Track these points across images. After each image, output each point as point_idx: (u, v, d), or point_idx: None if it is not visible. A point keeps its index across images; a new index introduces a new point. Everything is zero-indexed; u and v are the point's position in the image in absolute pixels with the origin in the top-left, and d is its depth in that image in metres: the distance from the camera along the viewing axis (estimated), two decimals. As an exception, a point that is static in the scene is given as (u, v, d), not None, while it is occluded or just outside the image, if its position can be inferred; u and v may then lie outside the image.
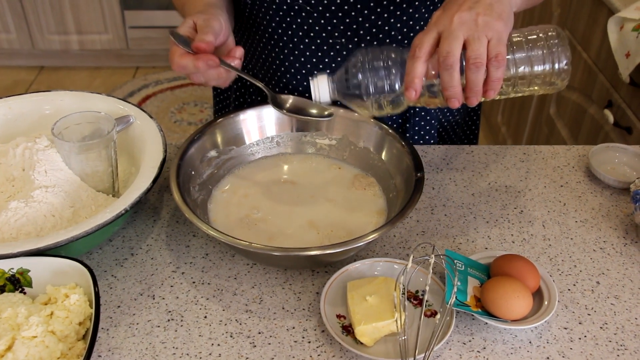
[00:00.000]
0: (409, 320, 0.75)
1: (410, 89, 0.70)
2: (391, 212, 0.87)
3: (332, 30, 0.96)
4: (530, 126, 2.27)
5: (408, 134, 1.09)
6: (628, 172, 1.00)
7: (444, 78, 0.69)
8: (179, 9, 0.99)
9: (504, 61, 0.68)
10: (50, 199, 0.82)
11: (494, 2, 0.70)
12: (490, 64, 0.68)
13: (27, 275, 0.74)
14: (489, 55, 0.68)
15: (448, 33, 0.68)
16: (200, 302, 0.78)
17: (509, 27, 0.70)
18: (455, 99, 0.70)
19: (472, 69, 0.68)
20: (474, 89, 0.69)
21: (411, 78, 0.70)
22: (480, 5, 0.69)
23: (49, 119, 0.91)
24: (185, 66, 0.80)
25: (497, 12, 0.69)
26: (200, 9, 0.87)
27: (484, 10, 0.69)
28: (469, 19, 0.68)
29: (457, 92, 0.70)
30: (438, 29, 0.70)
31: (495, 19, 0.68)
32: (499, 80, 0.69)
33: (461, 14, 0.69)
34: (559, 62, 0.72)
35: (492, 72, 0.69)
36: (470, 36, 0.68)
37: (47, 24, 3.20)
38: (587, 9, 1.78)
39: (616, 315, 0.77)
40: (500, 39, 0.68)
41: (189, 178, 0.88)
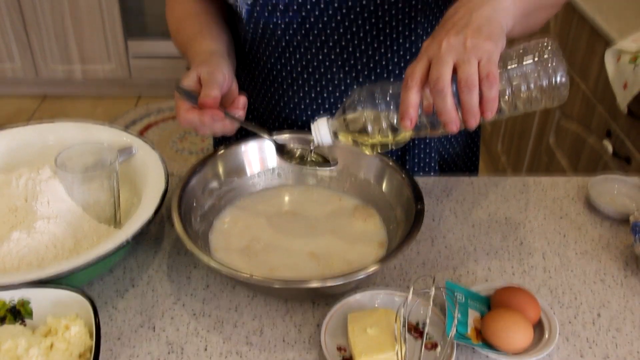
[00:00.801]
0: (409, 353, 0.74)
1: (406, 118, 0.70)
2: (392, 243, 0.88)
3: (330, 65, 0.97)
4: (530, 155, 2.28)
5: (408, 166, 1.09)
6: (627, 203, 1.01)
7: (437, 103, 0.69)
8: (180, 50, 1.00)
9: (495, 80, 0.68)
10: (52, 229, 0.82)
11: (482, 24, 0.70)
12: (482, 84, 0.68)
13: (28, 306, 0.74)
14: (480, 75, 0.68)
15: (437, 59, 0.69)
16: (200, 334, 0.78)
17: (500, 46, 0.70)
18: (452, 124, 0.70)
19: (465, 91, 0.68)
20: (470, 110, 0.69)
21: (405, 107, 0.70)
22: (468, 28, 0.69)
23: (52, 149, 0.92)
24: (192, 121, 0.82)
25: (485, 33, 0.69)
26: (203, 57, 0.89)
27: (472, 33, 0.69)
28: (457, 43, 0.68)
29: (452, 116, 0.69)
30: (428, 56, 0.70)
31: (483, 40, 0.68)
32: (494, 100, 0.69)
33: (449, 39, 0.69)
34: (555, 75, 0.71)
35: (486, 92, 0.68)
36: (460, 59, 0.68)
37: (51, 53, 3.24)
38: (585, 40, 1.80)
39: (618, 348, 0.77)
40: (490, 59, 0.68)
41: (191, 209, 0.88)
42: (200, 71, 0.85)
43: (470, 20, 0.70)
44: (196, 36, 0.95)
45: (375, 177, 0.95)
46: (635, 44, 1.46)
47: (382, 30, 0.94)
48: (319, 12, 0.91)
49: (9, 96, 3.44)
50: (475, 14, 0.70)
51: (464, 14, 0.71)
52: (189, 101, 0.83)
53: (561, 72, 0.71)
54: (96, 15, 3.13)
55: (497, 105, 0.69)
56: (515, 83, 0.72)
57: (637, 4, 1.78)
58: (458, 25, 0.70)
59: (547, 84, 0.71)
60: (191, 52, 0.94)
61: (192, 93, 0.84)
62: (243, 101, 0.85)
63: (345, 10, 0.91)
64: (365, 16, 0.92)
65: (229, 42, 0.99)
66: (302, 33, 0.94)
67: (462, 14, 0.71)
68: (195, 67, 0.87)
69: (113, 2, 3.10)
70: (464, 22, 0.70)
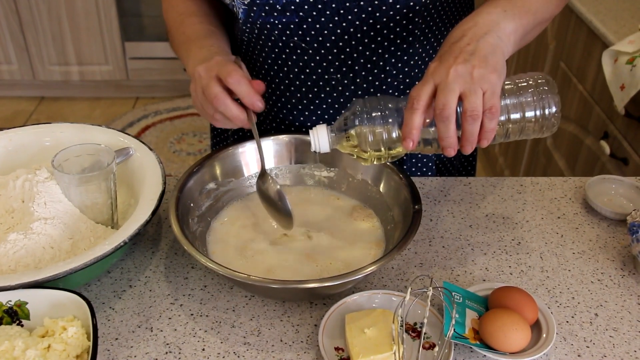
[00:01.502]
0: (407, 353, 0.74)
1: (408, 139, 0.72)
2: (389, 244, 0.88)
3: (327, 66, 0.98)
4: (527, 157, 2.28)
5: (405, 166, 1.09)
6: (624, 204, 1.01)
7: (441, 129, 0.71)
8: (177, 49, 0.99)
9: (497, 113, 0.71)
10: (50, 230, 0.82)
11: (488, 54, 0.72)
12: (484, 116, 0.71)
13: (25, 307, 0.73)
14: (484, 107, 0.71)
15: (444, 85, 0.71)
16: (198, 334, 0.78)
17: (503, 78, 0.73)
18: (451, 148, 0.73)
19: (469, 121, 0.71)
20: (470, 139, 0.72)
21: (409, 129, 0.72)
22: (475, 57, 0.71)
23: (49, 151, 0.92)
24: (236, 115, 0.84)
25: (491, 64, 0.71)
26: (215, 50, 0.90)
27: (479, 63, 0.71)
28: (465, 72, 0.71)
29: (453, 142, 0.72)
30: (435, 81, 0.72)
31: (490, 72, 0.71)
32: (492, 131, 0.72)
33: (457, 67, 0.71)
34: (548, 108, 0.74)
35: (486, 124, 0.71)
36: (467, 89, 0.70)
37: (48, 55, 3.23)
38: (582, 42, 1.81)
39: (615, 347, 0.77)
40: (494, 92, 0.71)
41: (188, 210, 0.88)
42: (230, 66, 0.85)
43: (477, 48, 0.72)
44: (200, 36, 0.95)
45: (373, 178, 0.95)
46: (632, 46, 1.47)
47: (379, 31, 0.94)
48: (317, 13, 0.92)
49: (6, 98, 3.44)
50: (482, 42, 0.73)
51: (470, 39, 0.74)
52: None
53: (554, 106, 0.75)
54: (93, 17, 3.13)
55: (494, 135, 0.73)
56: (511, 114, 0.75)
57: (634, 6, 1.79)
58: (465, 52, 0.72)
59: (540, 115, 0.75)
60: (196, 45, 0.93)
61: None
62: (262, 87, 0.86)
63: (342, 12, 0.91)
64: (362, 17, 0.92)
65: (229, 44, 0.99)
66: (299, 34, 0.94)
67: (469, 40, 0.73)
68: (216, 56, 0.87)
69: (110, 3, 3.10)
70: (470, 49, 0.72)
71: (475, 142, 0.73)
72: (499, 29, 0.75)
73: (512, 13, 0.78)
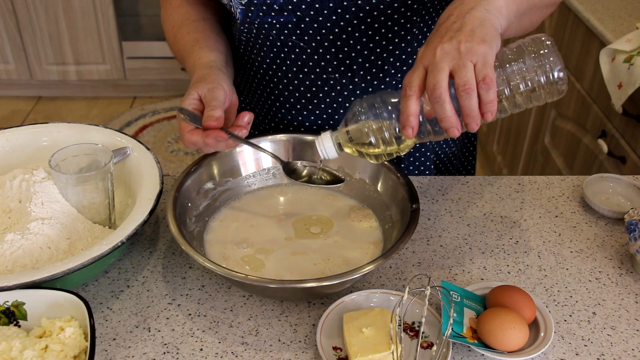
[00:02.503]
0: (405, 352, 0.74)
1: (407, 127, 0.71)
2: (387, 243, 0.88)
3: (325, 65, 0.97)
4: (525, 155, 2.28)
5: (403, 165, 1.09)
6: (622, 202, 1.01)
7: (437, 110, 0.70)
8: (179, 59, 1.00)
9: (492, 83, 0.68)
10: (47, 231, 0.82)
11: (475, 27, 0.70)
12: (479, 87, 0.68)
13: (22, 308, 0.73)
14: (477, 79, 0.68)
15: (433, 66, 0.69)
16: (196, 334, 0.78)
17: (495, 48, 0.71)
18: (454, 128, 0.71)
19: (463, 96, 0.69)
20: (470, 114, 0.70)
21: (406, 116, 0.71)
22: (461, 33, 0.70)
23: (47, 150, 0.92)
24: (196, 142, 0.83)
25: (479, 36, 0.69)
26: (202, 73, 0.89)
27: (466, 38, 0.69)
28: (452, 48, 0.69)
29: (453, 121, 0.70)
30: (424, 64, 0.71)
31: (477, 43, 0.69)
32: (492, 102, 0.69)
33: (443, 46, 0.69)
34: (552, 71, 0.72)
35: (483, 95, 0.69)
36: (455, 65, 0.69)
37: (45, 54, 3.23)
38: (580, 40, 1.81)
39: (613, 346, 0.77)
40: (486, 62, 0.69)
41: (186, 210, 0.88)
42: (201, 89, 0.85)
43: (463, 23, 0.70)
44: (193, 46, 0.95)
45: (371, 177, 0.95)
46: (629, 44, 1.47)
47: (377, 30, 0.94)
48: (314, 12, 0.91)
49: (3, 98, 3.43)
50: (468, 17, 0.71)
51: (456, 17, 0.72)
52: (192, 123, 0.83)
53: (558, 67, 0.72)
54: (90, 17, 3.13)
55: (497, 106, 0.70)
56: (513, 82, 0.72)
57: (632, 5, 1.79)
58: (451, 30, 0.71)
59: (545, 80, 0.72)
60: (189, 63, 0.94)
61: (195, 115, 0.84)
62: (248, 119, 0.85)
63: (340, 11, 0.91)
64: (360, 16, 0.91)
65: (227, 49, 0.99)
66: (297, 34, 0.94)
67: (455, 18, 0.72)
68: (194, 85, 0.87)
69: (107, 3, 3.09)
70: (456, 27, 0.71)
71: (479, 118, 0.70)
72: (486, 3, 0.73)
73: None
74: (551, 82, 0.72)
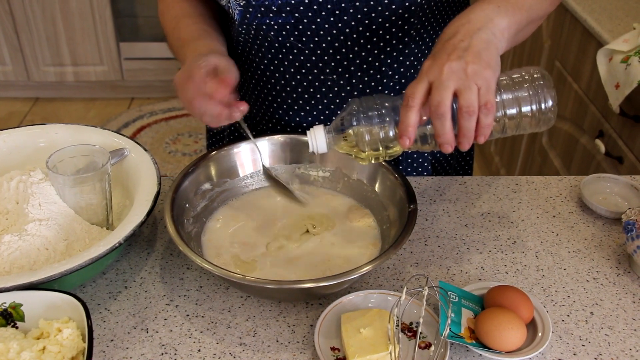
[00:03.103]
0: (403, 353, 0.74)
1: (405, 137, 0.72)
2: (385, 243, 0.88)
3: (323, 67, 0.97)
4: (523, 156, 2.29)
5: (401, 166, 1.09)
6: (620, 202, 1.01)
7: (437, 126, 0.71)
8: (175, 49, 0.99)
9: (493, 109, 0.71)
10: (44, 232, 0.82)
11: (482, 49, 0.72)
12: (480, 111, 0.71)
13: (20, 309, 0.73)
14: (479, 103, 0.70)
15: (439, 83, 0.71)
16: (194, 335, 0.78)
17: (497, 73, 0.73)
18: (448, 145, 0.73)
19: (465, 117, 0.70)
20: (467, 134, 0.72)
21: (405, 127, 0.72)
22: (469, 54, 0.71)
23: (44, 152, 0.92)
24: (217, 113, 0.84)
25: (485, 60, 0.71)
26: (215, 48, 0.90)
27: (473, 59, 0.71)
28: (459, 68, 0.70)
29: (449, 138, 0.72)
30: (429, 79, 0.72)
31: (484, 68, 0.71)
32: (489, 126, 0.72)
33: (451, 64, 0.71)
34: (545, 103, 0.74)
35: (482, 119, 0.71)
36: (461, 85, 0.70)
37: (42, 55, 3.23)
38: (577, 41, 1.81)
39: (610, 346, 0.77)
40: (489, 87, 0.71)
41: (183, 211, 0.88)
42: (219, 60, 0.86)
43: (471, 44, 0.72)
44: (194, 37, 0.95)
45: (368, 178, 0.95)
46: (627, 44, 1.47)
47: (375, 32, 0.94)
48: (312, 13, 0.91)
49: (0, 99, 3.42)
50: (475, 38, 0.73)
51: (463, 36, 0.73)
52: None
53: (551, 100, 0.74)
54: (88, 18, 3.12)
55: (490, 131, 0.73)
56: (507, 109, 0.75)
57: (628, 5, 1.79)
58: (458, 48, 0.72)
59: (536, 110, 0.75)
60: (190, 48, 0.93)
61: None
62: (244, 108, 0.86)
63: (338, 12, 0.91)
64: (358, 18, 0.92)
65: (224, 43, 0.99)
66: (295, 35, 0.94)
67: (462, 37, 0.73)
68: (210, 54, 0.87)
69: (105, 4, 3.09)
70: (464, 46, 0.72)
71: (472, 138, 0.73)
72: (492, 25, 0.75)
73: (505, 9, 0.77)
74: (542, 112, 0.75)
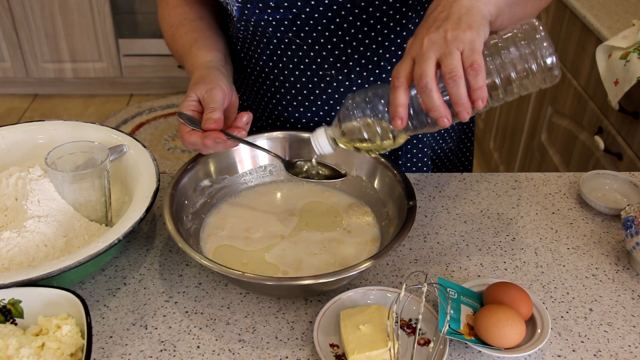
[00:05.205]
0: (402, 349, 0.74)
1: (396, 118, 0.71)
2: (384, 240, 0.88)
3: (322, 62, 0.97)
4: (522, 152, 2.29)
5: (401, 162, 1.09)
6: (619, 199, 1.01)
7: (424, 100, 0.69)
8: (177, 59, 1.01)
9: (480, 68, 0.67)
10: (43, 228, 0.82)
11: (462, 14, 0.69)
12: (467, 74, 0.67)
13: (19, 305, 0.73)
14: (464, 65, 0.67)
15: (419, 56, 0.69)
16: (193, 331, 0.78)
17: (483, 34, 0.70)
18: (443, 118, 0.70)
19: (450, 84, 0.68)
20: (459, 102, 0.68)
21: (394, 107, 0.70)
22: (448, 22, 0.69)
23: (43, 148, 0.91)
24: (195, 143, 0.84)
25: (465, 23, 0.69)
26: (201, 73, 0.89)
27: (452, 26, 0.69)
28: (438, 37, 0.69)
29: (442, 111, 0.69)
30: (412, 55, 0.70)
31: (463, 30, 0.68)
32: (481, 88, 0.68)
33: (430, 35, 0.69)
34: (542, 56, 0.70)
35: (472, 81, 0.68)
36: (442, 53, 0.68)
37: (41, 52, 3.22)
38: (576, 37, 1.81)
39: (609, 342, 0.77)
40: (473, 48, 0.68)
41: (182, 207, 0.88)
42: (199, 91, 0.86)
43: (450, 12, 0.70)
44: (191, 46, 0.95)
45: (367, 174, 0.95)
46: (626, 41, 1.47)
47: (373, 26, 0.94)
48: (310, 9, 0.91)
49: (-1, 95, 3.43)
50: (455, 6, 0.70)
51: (443, 7, 0.71)
52: (191, 126, 0.84)
53: (549, 53, 0.70)
54: (87, 14, 3.12)
55: (486, 93, 0.69)
56: (504, 70, 0.71)
57: (628, 1, 1.79)
58: (438, 19, 0.70)
59: (536, 66, 0.71)
60: (188, 64, 0.94)
61: (193, 119, 0.85)
62: (246, 119, 0.86)
63: (336, 7, 0.91)
64: (356, 13, 0.91)
65: (225, 47, 0.99)
66: (293, 30, 0.94)
67: (442, 8, 0.71)
68: (193, 87, 0.87)
69: (103, 1, 3.09)
70: (443, 16, 0.70)
71: (469, 106, 0.69)
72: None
73: None
74: (543, 68, 0.71)
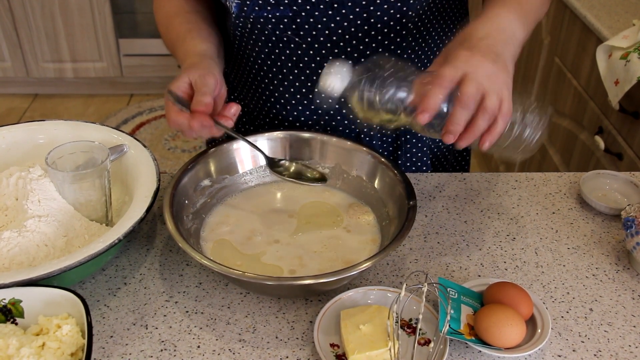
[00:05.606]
0: (402, 349, 0.74)
1: (425, 112, 0.73)
2: (384, 240, 0.88)
3: (320, 61, 0.97)
4: (522, 152, 2.28)
5: (400, 162, 1.09)
6: (619, 199, 1.01)
7: (457, 114, 0.73)
8: (169, 49, 1.00)
9: (509, 117, 0.75)
10: (44, 228, 0.82)
11: (508, 62, 0.77)
12: (498, 116, 0.74)
13: (19, 305, 0.73)
14: (501, 110, 0.74)
15: (474, 77, 0.73)
16: (193, 331, 0.78)
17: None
18: (453, 135, 0.74)
19: (485, 117, 0.73)
20: (475, 132, 0.74)
21: (429, 104, 0.73)
22: (500, 62, 0.75)
23: (43, 148, 0.91)
24: (181, 124, 0.83)
25: (510, 73, 0.76)
26: (194, 60, 0.89)
27: (503, 68, 0.75)
28: (493, 72, 0.74)
29: (459, 129, 0.74)
30: (464, 70, 0.74)
31: (509, 79, 0.75)
32: (499, 134, 0.75)
33: (487, 65, 0.74)
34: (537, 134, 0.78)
35: (498, 125, 0.74)
36: (490, 89, 0.73)
37: (41, 52, 3.22)
38: (576, 37, 1.81)
39: (610, 342, 0.77)
40: (510, 99, 0.75)
41: (183, 207, 0.88)
42: (192, 75, 0.86)
43: (503, 53, 0.77)
44: (185, 36, 0.95)
45: (368, 174, 0.95)
46: (626, 41, 1.47)
47: (373, 25, 0.94)
48: (310, 7, 0.91)
49: (-1, 95, 3.43)
50: (507, 50, 0.78)
51: (495, 41, 0.77)
52: (179, 106, 0.83)
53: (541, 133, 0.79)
54: (87, 14, 3.12)
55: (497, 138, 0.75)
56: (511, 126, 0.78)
57: (628, 1, 1.79)
58: (493, 52, 0.76)
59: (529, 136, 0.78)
60: (181, 51, 0.94)
61: (182, 99, 0.84)
62: (234, 110, 0.86)
63: (336, 5, 0.91)
64: (356, 11, 0.91)
65: (219, 42, 0.99)
66: (292, 28, 0.94)
67: (494, 42, 0.77)
68: (186, 70, 0.87)
69: (104, 0, 3.08)
70: (498, 51, 0.76)
71: (474, 140, 0.75)
72: (515, 40, 0.80)
73: (524, 21, 0.82)
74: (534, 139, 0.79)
